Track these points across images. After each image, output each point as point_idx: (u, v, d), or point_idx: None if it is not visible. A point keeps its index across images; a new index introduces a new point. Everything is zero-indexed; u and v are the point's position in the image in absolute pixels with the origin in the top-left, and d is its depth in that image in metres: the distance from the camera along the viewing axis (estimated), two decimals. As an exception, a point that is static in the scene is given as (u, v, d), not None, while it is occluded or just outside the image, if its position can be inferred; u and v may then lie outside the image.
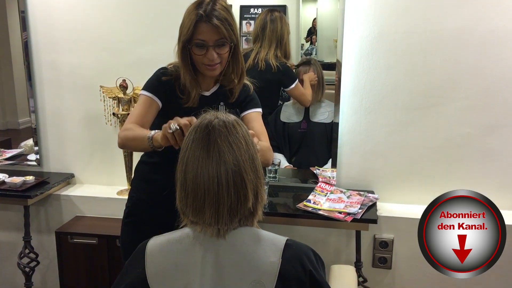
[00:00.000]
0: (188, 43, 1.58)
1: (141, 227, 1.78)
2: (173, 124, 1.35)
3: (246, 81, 1.77)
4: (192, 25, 1.55)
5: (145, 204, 1.80)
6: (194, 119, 1.29)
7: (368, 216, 2.06)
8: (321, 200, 2.19)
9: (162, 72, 1.71)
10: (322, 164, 2.51)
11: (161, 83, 1.69)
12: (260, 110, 1.80)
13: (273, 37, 2.44)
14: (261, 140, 1.73)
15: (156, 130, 1.52)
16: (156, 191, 1.72)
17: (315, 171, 2.49)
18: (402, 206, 2.34)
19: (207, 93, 1.73)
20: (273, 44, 2.45)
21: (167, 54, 2.36)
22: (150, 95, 1.68)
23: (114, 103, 2.45)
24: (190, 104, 1.66)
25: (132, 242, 1.45)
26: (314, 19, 2.60)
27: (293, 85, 2.48)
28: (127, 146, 1.70)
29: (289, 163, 2.58)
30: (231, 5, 1.71)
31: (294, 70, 2.53)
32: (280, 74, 2.45)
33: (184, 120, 1.34)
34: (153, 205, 1.77)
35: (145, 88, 1.71)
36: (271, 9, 2.48)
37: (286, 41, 2.48)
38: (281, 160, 2.55)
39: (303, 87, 2.51)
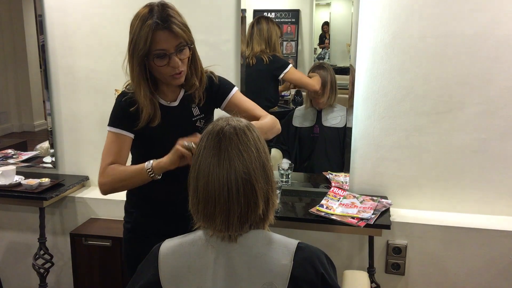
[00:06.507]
0: (146, 57, 1.49)
1: (145, 241, 1.67)
2: (188, 143, 1.42)
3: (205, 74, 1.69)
4: (149, 36, 1.46)
5: (148, 217, 1.73)
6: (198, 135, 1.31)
7: (381, 221, 2.05)
8: (334, 205, 2.18)
9: (128, 103, 1.58)
10: (334, 168, 2.50)
11: (128, 115, 1.58)
12: (236, 87, 1.75)
13: (261, 38, 2.49)
14: (258, 113, 1.72)
15: (151, 161, 1.51)
16: (158, 204, 1.69)
17: (327, 176, 2.48)
18: (416, 212, 2.33)
19: (175, 103, 1.65)
20: (262, 45, 2.49)
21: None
22: (120, 131, 1.59)
23: (128, 106, 2.47)
24: (157, 121, 1.57)
25: (138, 256, 1.39)
26: (326, 24, 2.59)
27: (286, 70, 2.50)
28: (116, 189, 1.59)
29: (302, 168, 2.57)
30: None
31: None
32: (270, 63, 2.50)
33: (194, 139, 1.43)
34: (157, 217, 1.72)
35: (112, 124, 1.61)
36: (259, 16, 2.50)
37: (274, 42, 2.51)
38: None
39: (312, 79, 2.51)
